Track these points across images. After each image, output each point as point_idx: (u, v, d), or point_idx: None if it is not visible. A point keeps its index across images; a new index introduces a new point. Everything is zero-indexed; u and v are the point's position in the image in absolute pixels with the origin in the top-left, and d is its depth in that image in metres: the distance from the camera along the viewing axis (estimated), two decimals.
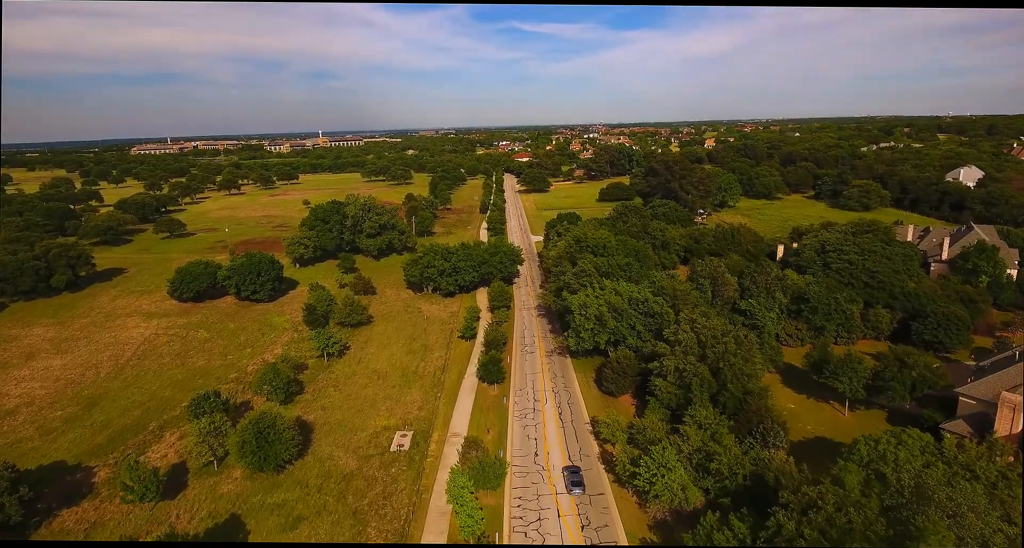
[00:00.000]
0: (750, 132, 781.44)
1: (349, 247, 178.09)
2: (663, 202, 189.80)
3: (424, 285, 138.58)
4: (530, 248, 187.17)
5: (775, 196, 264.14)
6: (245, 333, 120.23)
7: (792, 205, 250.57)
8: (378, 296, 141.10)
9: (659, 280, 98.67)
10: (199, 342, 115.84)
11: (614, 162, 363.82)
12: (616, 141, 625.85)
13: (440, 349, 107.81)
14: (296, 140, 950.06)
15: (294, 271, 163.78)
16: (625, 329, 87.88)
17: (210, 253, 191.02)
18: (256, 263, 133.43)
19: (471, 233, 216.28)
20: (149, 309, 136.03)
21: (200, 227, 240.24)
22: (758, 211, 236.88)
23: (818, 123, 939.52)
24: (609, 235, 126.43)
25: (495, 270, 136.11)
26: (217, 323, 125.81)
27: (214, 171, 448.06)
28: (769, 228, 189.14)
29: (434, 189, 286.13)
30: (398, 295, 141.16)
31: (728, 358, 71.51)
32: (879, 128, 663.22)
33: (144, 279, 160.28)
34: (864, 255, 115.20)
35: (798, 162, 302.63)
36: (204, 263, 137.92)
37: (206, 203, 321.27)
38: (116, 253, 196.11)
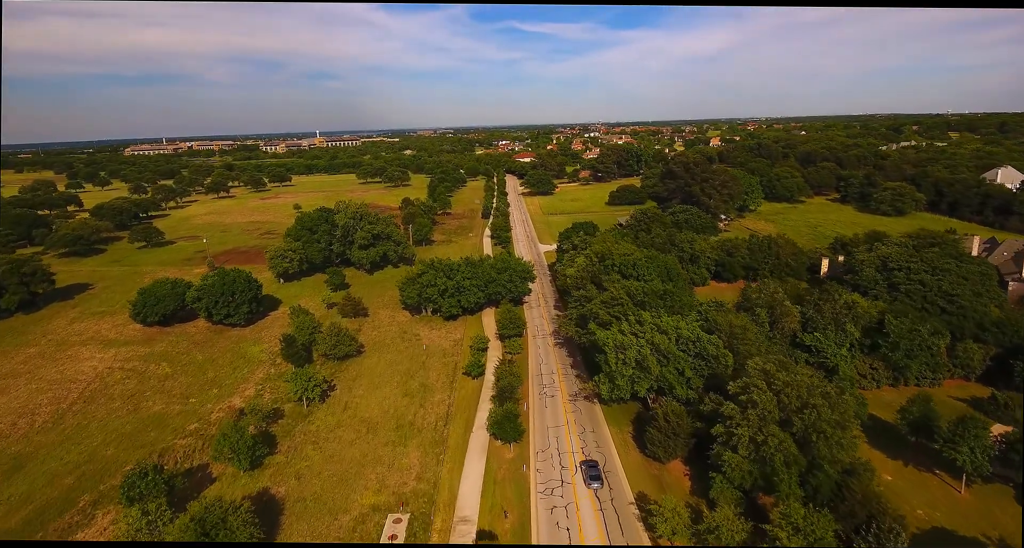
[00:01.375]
0: (754, 130, 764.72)
1: (339, 259, 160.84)
2: (684, 208, 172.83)
3: (423, 306, 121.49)
4: (539, 259, 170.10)
5: (797, 199, 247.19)
6: (214, 367, 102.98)
7: (817, 209, 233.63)
8: (370, 319, 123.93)
9: (709, 311, 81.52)
10: (159, 379, 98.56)
11: (621, 162, 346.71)
12: (618, 141, 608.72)
13: (442, 390, 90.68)
14: (292, 140, 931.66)
15: (277, 287, 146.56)
16: (672, 376, 70.91)
17: (187, 266, 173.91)
18: (230, 283, 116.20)
19: (473, 241, 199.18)
20: (108, 335, 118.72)
21: (181, 235, 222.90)
22: (781, 216, 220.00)
23: (817, 121, 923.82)
24: (636, 250, 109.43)
25: (504, 290, 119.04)
26: (183, 354, 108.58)
27: (205, 173, 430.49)
28: (798, 236, 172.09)
29: (432, 192, 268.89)
30: (393, 318, 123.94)
31: (820, 426, 54.53)
32: (887, 126, 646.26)
33: (109, 297, 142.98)
34: (937, 274, 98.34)
35: (818, 162, 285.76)
36: (171, 283, 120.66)
37: (192, 207, 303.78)
38: (84, 265, 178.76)
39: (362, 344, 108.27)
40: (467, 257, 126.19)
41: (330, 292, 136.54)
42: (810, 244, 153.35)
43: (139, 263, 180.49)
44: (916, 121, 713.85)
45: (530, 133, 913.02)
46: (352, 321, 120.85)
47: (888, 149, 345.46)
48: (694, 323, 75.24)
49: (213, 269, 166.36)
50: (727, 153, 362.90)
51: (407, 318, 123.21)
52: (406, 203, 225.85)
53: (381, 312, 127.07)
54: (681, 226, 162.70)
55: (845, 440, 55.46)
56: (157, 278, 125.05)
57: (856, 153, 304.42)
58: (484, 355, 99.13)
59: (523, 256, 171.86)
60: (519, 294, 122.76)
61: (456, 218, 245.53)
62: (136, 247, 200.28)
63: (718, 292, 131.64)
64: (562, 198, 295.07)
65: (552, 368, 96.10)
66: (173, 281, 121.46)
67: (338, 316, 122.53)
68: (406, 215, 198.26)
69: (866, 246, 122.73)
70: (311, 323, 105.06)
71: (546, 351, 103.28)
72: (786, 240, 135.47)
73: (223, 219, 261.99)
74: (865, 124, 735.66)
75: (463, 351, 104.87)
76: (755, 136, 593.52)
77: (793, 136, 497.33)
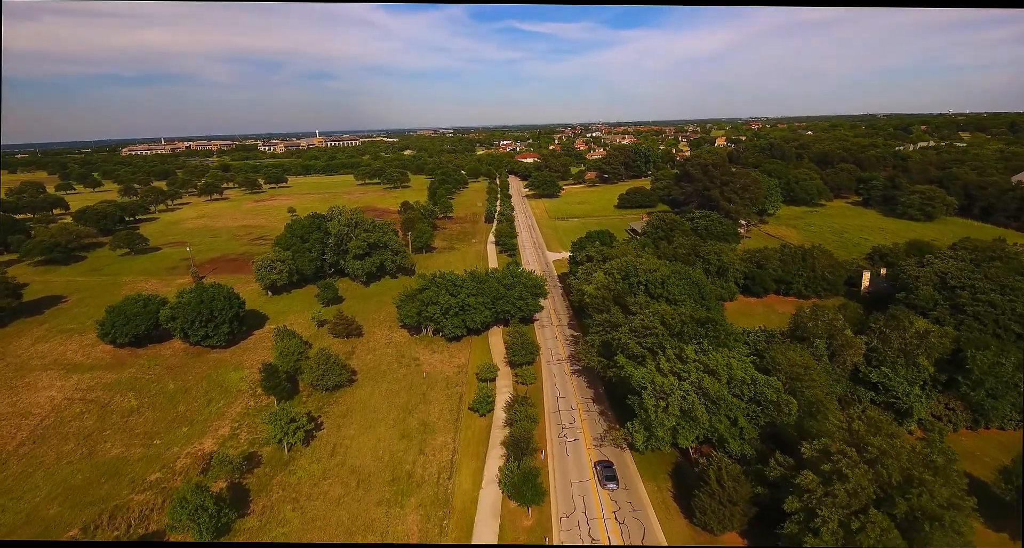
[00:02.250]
0: (759, 130, 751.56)
1: (333, 270, 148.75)
2: (704, 214, 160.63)
3: (423, 325, 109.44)
4: (548, 269, 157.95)
5: (816, 202, 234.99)
6: (187, 399, 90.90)
7: (838, 213, 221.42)
8: (365, 339, 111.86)
9: (758, 342, 69.39)
10: (122, 414, 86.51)
11: (629, 163, 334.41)
12: (621, 141, 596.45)
13: (445, 430, 78.59)
14: (291, 140, 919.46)
15: (264, 301, 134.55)
16: (723, 426, 58.82)
17: (171, 275, 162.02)
18: (208, 300, 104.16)
19: (477, 248, 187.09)
20: (74, 358, 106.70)
21: (168, 240, 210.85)
22: (802, 221, 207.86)
23: (818, 121, 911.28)
24: (662, 265, 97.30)
25: (513, 308, 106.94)
26: (153, 382, 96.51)
27: (200, 173, 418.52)
28: (824, 243, 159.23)
29: (433, 194, 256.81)
30: (390, 338, 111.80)
31: (931, 509, 42.51)
32: (893, 126, 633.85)
33: (81, 312, 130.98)
34: (1007, 294, 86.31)
35: (836, 163, 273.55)
36: (143, 300, 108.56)
37: (183, 210, 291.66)
38: (61, 275, 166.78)
39: (354, 371, 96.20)
40: (472, 271, 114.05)
41: (321, 308, 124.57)
42: (839, 253, 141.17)
43: (120, 272, 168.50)
44: (922, 121, 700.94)
45: (531, 133, 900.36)
46: (344, 342, 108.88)
47: (905, 150, 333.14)
48: (746, 360, 63.16)
49: (197, 279, 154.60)
50: (738, 154, 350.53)
51: (405, 338, 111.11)
52: (405, 207, 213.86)
53: (377, 331, 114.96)
54: (701, 233, 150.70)
55: (963, 525, 43.43)
56: (129, 295, 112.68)
57: (875, 154, 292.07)
58: (492, 386, 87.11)
59: (530, 265, 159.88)
60: (531, 312, 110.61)
61: (458, 222, 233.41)
62: (118, 254, 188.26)
63: (748, 308, 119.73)
64: (568, 201, 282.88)
65: (571, 402, 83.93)
66: (145, 298, 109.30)
67: (329, 336, 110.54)
68: (405, 220, 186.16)
69: (915, 259, 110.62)
70: (297, 348, 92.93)
71: (563, 381, 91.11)
72: (822, 251, 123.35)
73: (214, 223, 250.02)
74: (871, 124, 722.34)
75: (468, 379, 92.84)
76: (761, 136, 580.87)
77: (800, 136, 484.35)
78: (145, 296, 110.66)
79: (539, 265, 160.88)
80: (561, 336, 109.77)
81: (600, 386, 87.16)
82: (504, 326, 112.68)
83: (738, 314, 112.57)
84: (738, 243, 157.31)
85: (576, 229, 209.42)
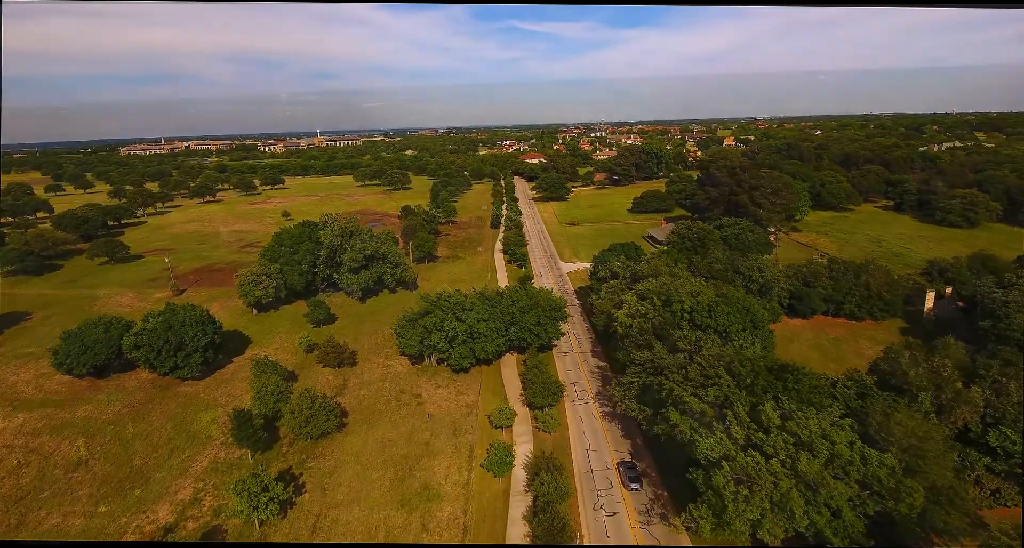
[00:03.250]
0: (767, 130, 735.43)
1: (326, 284, 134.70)
2: (734, 221, 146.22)
3: (426, 354, 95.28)
4: (562, 282, 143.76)
5: (845, 207, 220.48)
6: (146, 447, 76.86)
7: (870, 218, 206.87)
8: (359, 367, 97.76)
9: (847, 397, 55.02)
10: (67, 468, 72.50)
11: (640, 164, 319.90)
12: (627, 141, 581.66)
13: (454, 497, 64.34)
14: (292, 140, 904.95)
15: (249, 320, 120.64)
16: (824, 521, 44.45)
17: (150, 288, 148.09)
18: (178, 326, 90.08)
19: (483, 257, 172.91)
20: (24, 391, 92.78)
21: (152, 247, 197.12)
22: (832, 227, 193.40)
23: (823, 121, 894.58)
24: (705, 288, 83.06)
25: (530, 335, 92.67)
26: (110, 424, 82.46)
27: (196, 174, 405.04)
28: (862, 254, 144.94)
29: (436, 197, 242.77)
30: (388, 368, 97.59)
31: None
32: (904, 125, 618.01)
33: (45, 333, 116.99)
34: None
35: (862, 165, 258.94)
36: (104, 324, 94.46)
37: (173, 213, 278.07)
38: (32, 287, 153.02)
39: (345, 412, 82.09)
40: (482, 291, 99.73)
41: (310, 330, 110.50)
42: (910, 271, 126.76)
43: (96, 284, 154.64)
44: (933, 120, 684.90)
45: (534, 133, 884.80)
46: (335, 373, 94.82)
47: (931, 150, 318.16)
48: (847, 428, 48.85)
49: (177, 293, 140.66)
50: (752, 155, 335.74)
51: (405, 368, 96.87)
52: (406, 212, 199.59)
53: (373, 359, 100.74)
54: (731, 243, 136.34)
55: None
56: (88, 319, 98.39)
57: (901, 154, 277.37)
58: (509, 436, 73.00)
59: (543, 278, 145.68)
60: (549, 339, 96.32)
61: (462, 228, 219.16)
62: (97, 264, 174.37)
63: (794, 332, 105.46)
64: (578, 204, 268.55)
65: (605, 458, 69.59)
66: (107, 322, 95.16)
67: (318, 366, 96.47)
68: (406, 227, 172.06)
69: (990, 278, 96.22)
70: (277, 387, 78.72)
71: (592, 428, 76.74)
72: (877, 267, 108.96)
73: (204, 228, 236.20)
74: (878, 123, 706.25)
75: (479, 424, 78.64)
76: (771, 136, 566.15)
77: (810, 136, 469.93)
78: (107, 319, 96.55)
79: (553, 278, 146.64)
80: (585, 367, 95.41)
81: (638, 435, 72.95)
82: (519, 354, 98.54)
83: (784, 339, 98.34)
84: (770, 254, 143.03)
85: (590, 236, 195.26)
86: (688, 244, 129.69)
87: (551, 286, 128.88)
